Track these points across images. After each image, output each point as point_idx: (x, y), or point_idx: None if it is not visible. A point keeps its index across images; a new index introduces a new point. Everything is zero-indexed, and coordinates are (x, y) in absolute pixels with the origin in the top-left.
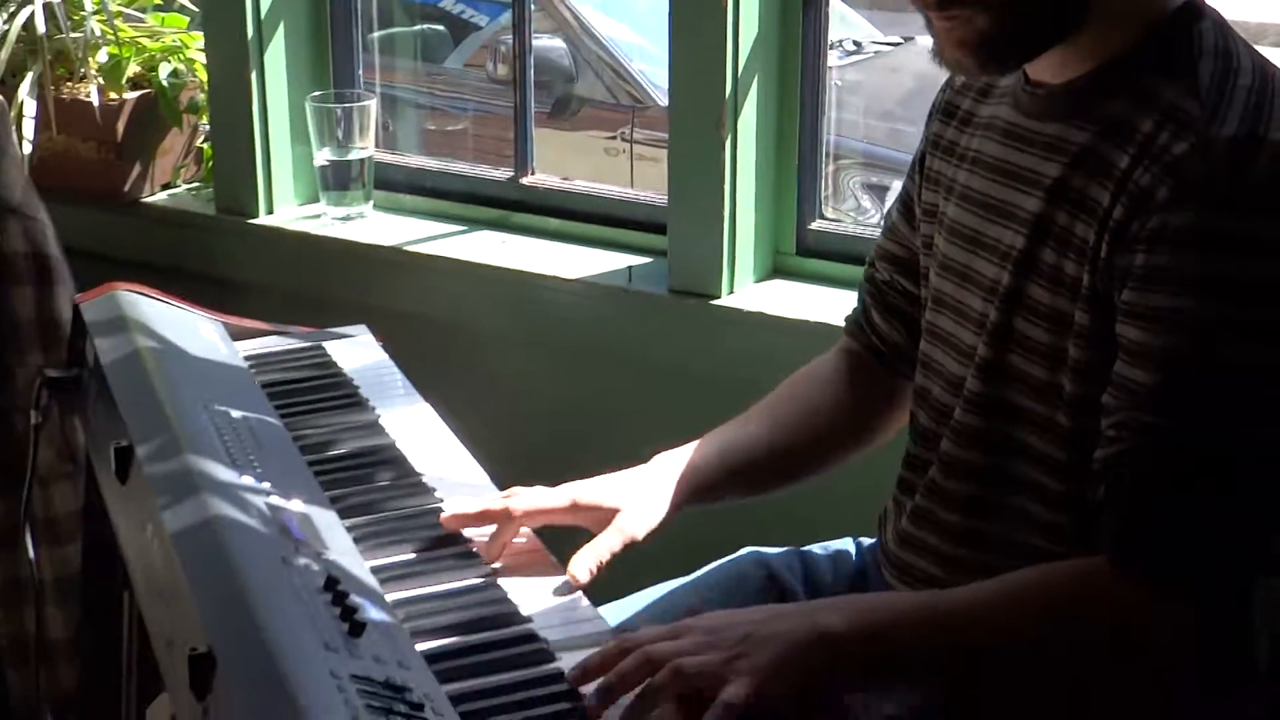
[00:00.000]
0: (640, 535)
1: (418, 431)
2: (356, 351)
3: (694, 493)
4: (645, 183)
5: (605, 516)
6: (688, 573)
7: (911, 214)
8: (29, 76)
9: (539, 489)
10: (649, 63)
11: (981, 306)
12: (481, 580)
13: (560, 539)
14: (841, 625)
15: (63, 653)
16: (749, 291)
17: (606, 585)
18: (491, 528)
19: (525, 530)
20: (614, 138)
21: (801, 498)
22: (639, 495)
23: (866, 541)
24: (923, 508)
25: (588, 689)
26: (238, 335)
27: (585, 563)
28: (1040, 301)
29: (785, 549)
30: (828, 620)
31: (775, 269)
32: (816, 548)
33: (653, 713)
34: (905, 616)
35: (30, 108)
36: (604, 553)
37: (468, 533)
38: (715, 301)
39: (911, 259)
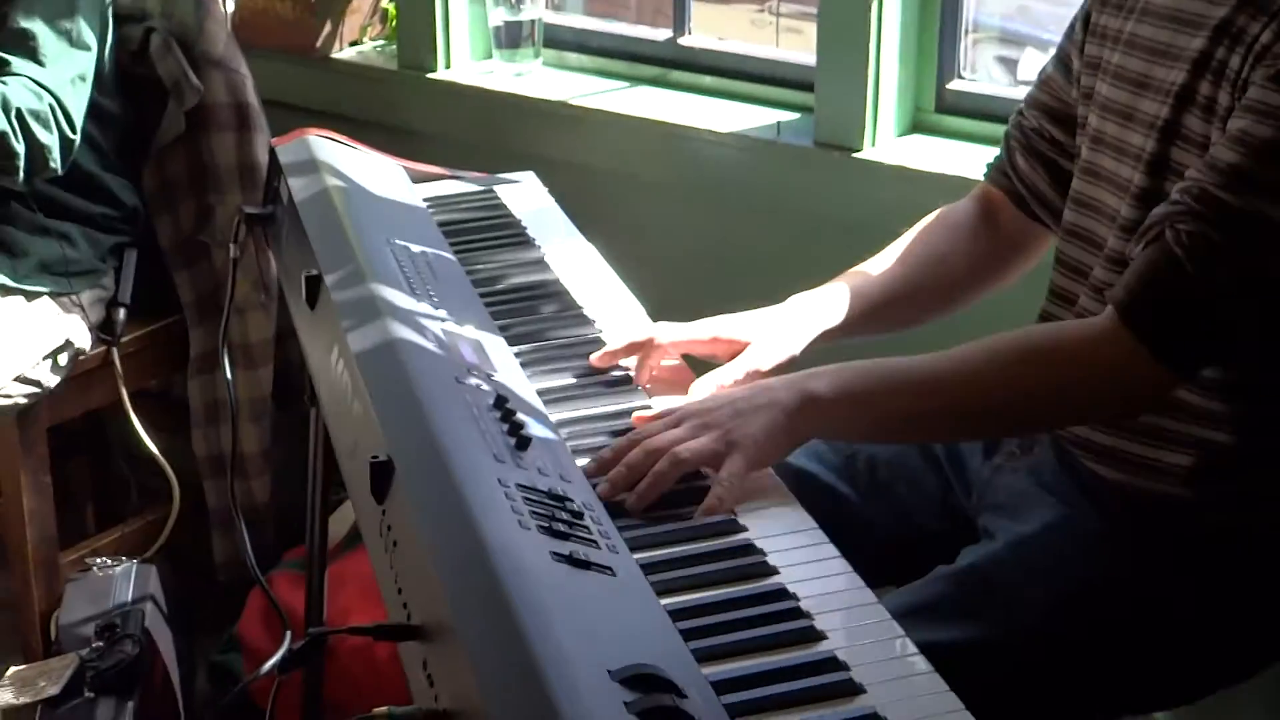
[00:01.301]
0: (766, 368)
1: (579, 268)
2: (524, 196)
3: (826, 330)
4: (789, 47)
5: (739, 349)
6: None
7: (1068, 68)
8: None
9: (683, 324)
10: None
11: (1141, 141)
12: (637, 405)
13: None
14: (827, 390)
15: (256, 466)
16: (890, 145)
17: None
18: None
19: (675, 357)
20: (761, 10)
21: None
22: (771, 332)
23: None
24: None
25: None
26: (417, 179)
27: (705, 387)
28: (1194, 131)
29: None
30: (813, 386)
31: (915, 125)
32: None
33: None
34: (893, 381)
35: None
36: (725, 380)
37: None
38: (858, 155)
39: (1062, 109)
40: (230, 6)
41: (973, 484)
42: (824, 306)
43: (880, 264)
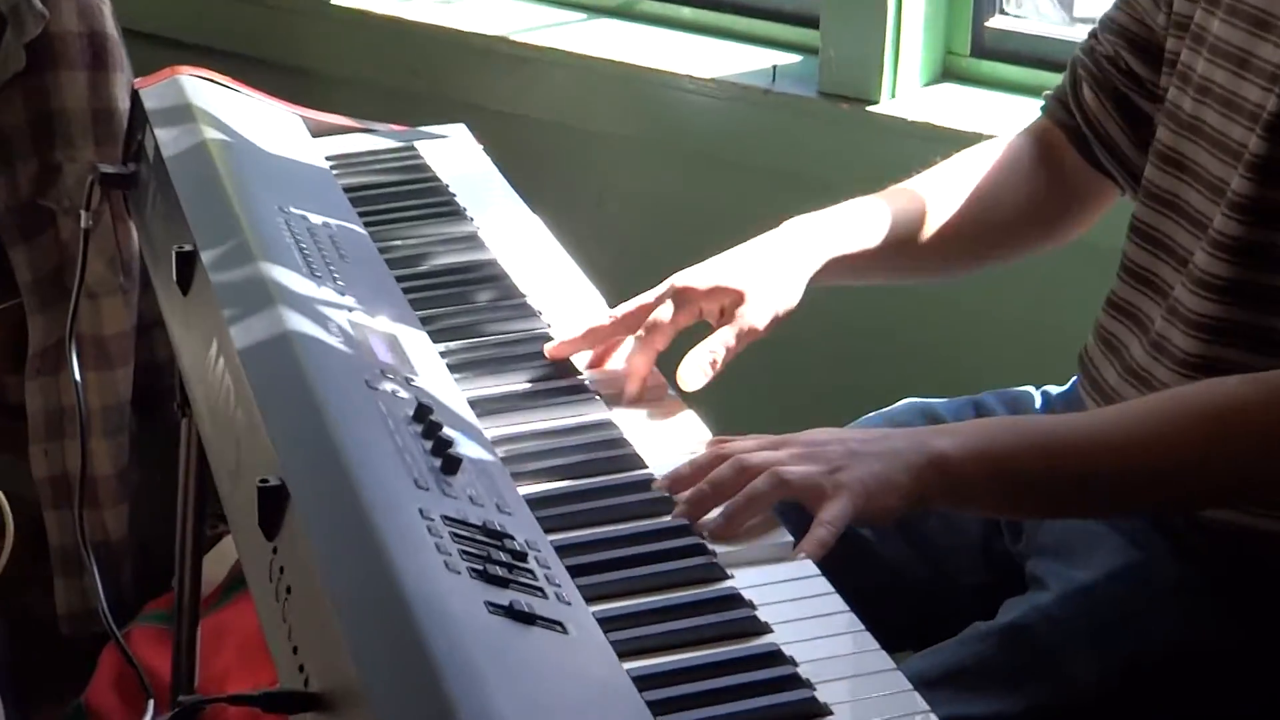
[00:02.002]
0: (763, 327)
1: (522, 246)
2: (453, 153)
3: (836, 266)
4: None
5: (724, 305)
6: (840, 424)
7: None
8: None
9: (644, 295)
10: None
11: (1260, 96)
12: (596, 419)
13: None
14: (955, 449)
15: (111, 491)
16: (914, 97)
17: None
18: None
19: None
20: None
21: (967, 342)
22: (766, 273)
23: (1055, 390)
24: (1156, 338)
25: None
26: (318, 131)
27: (697, 365)
28: None
29: (952, 399)
30: (940, 444)
31: (945, 71)
32: (990, 395)
33: (750, 522)
34: (1036, 442)
35: None
36: (719, 350)
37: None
38: (873, 108)
39: (1147, 36)
40: None
41: (1022, 523)
42: (836, 234)
43: (908, 191)
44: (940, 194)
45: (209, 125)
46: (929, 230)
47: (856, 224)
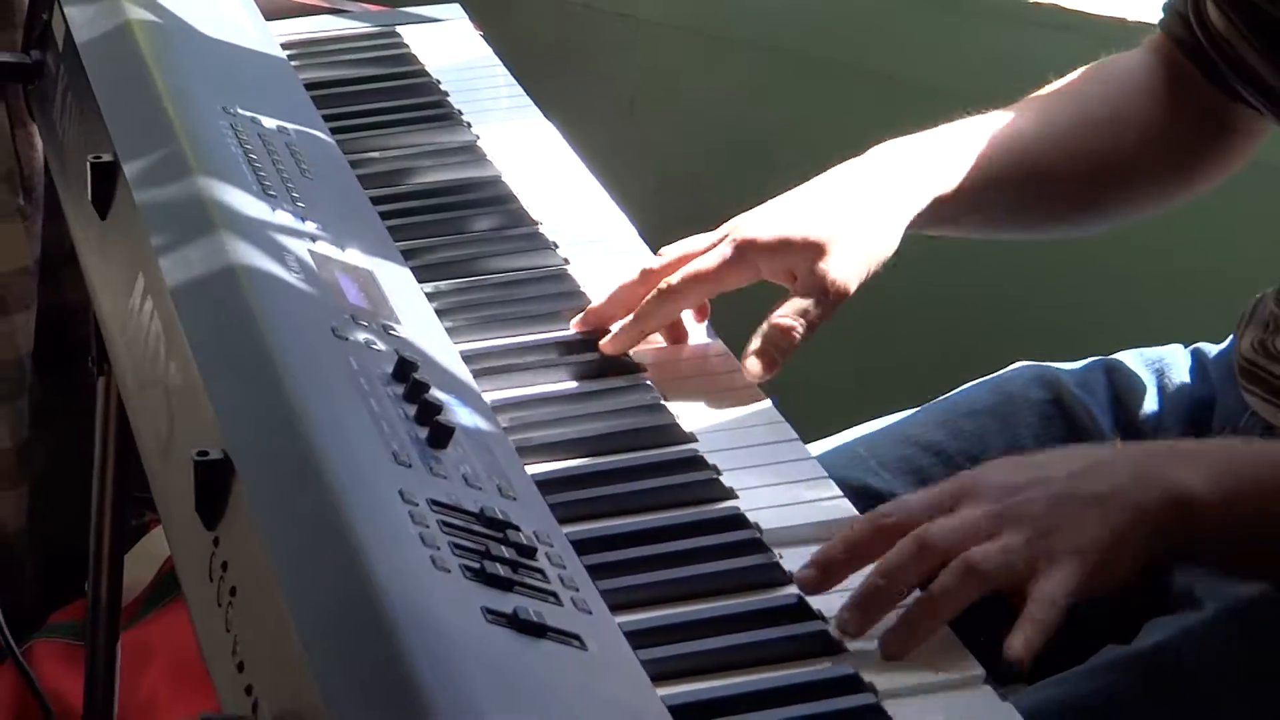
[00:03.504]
0: (853, 288)
1: (533, 159)
2: (446, 41)
3: (939, 208)
4: None
5: (801, 260)
6: (934, 396)
7: None
8: None
9: (695, 243)
10: None
11: None
12: (625, 381)
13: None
14: (1202, 484)
15: (8, 470)
16: None
17: (815, 407)
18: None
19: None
20: None
21: (1098, 294)
22: (852, 218)
23: (1211, 349)
24: None
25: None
26: (272, 11)
27: (773, 345)
28: None
29: (1081, 362)
30: (1184, 478)
31: None
32: (1130, 354)
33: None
34: None
35: None
36: (798, 323)
37: None
38: None
39: None
40: None
41: None
42: (933, 164)
43: (1022, 115)
44: (1047, 120)
45: (134, 2)
46: (1054, 167)
47: (963, 154)
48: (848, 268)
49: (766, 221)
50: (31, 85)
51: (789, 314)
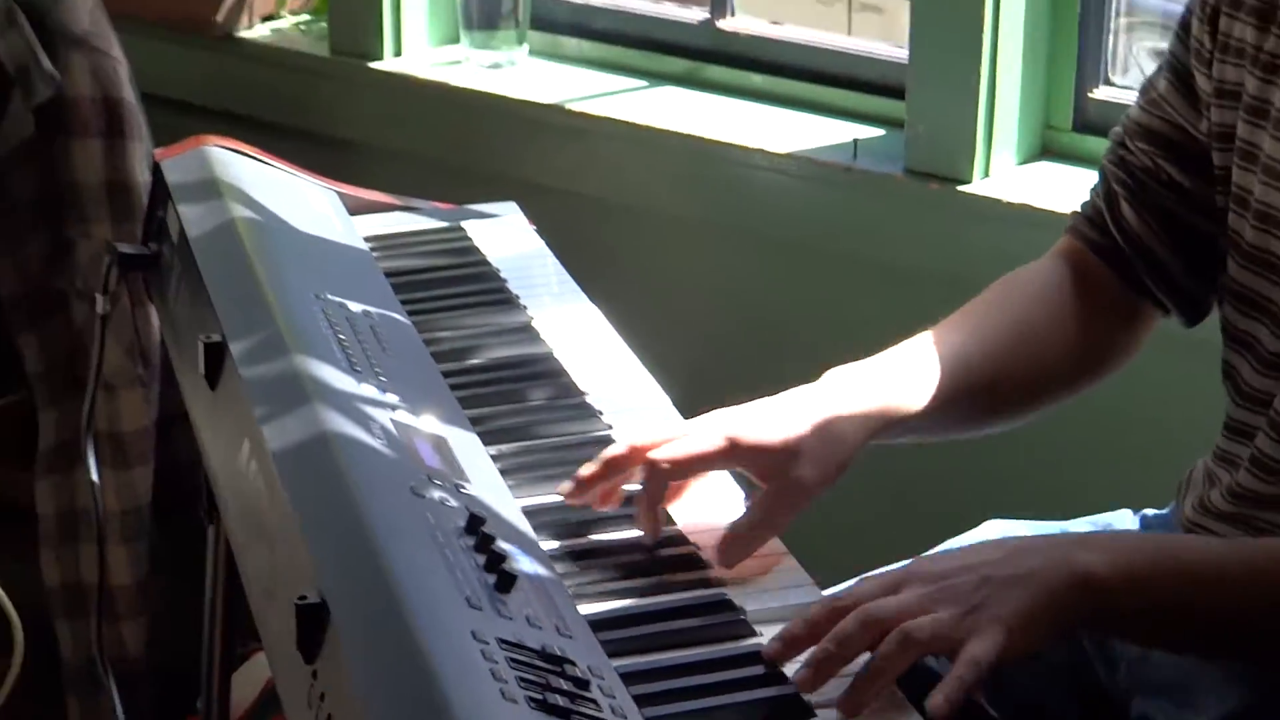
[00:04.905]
0: (819, 492)
1: (580, 338)
2: (504, 235)
3: (885, 425)
4: (865, 37)
5: (774, 463)
6: (915, 553)
7: (1189, 87)
8: None
9: (679, 426)
10: None
11: None
12: (665, 533)
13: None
14: (1104, 565)
15: (129, 603)
16: (1009, 175)
17: (813, 565)
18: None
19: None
20: None
21: (1058, 460)
22: (818, 430)
23: (1153, 512)
24: (1245, 484)
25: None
26: (356, 209)
27: (739, 542)
28: None
29: (1041, 523)
30: (1087, 559)
31: (1044, 148)
32: (1082, 522)
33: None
34: (1194, 564)
35: None
36: (781, 516)
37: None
38: (965, 187)
39: (1185, 142)
40: None
41: (1119, 653)
42: (883, 391)
43: (949, 334)
44: (983, 339)
45: (237, 201)
46: (980, 381)
47: (906, 380)
48: (813, 476)
49: (752, 423)
50: (150, 272)
51: (771, 516)
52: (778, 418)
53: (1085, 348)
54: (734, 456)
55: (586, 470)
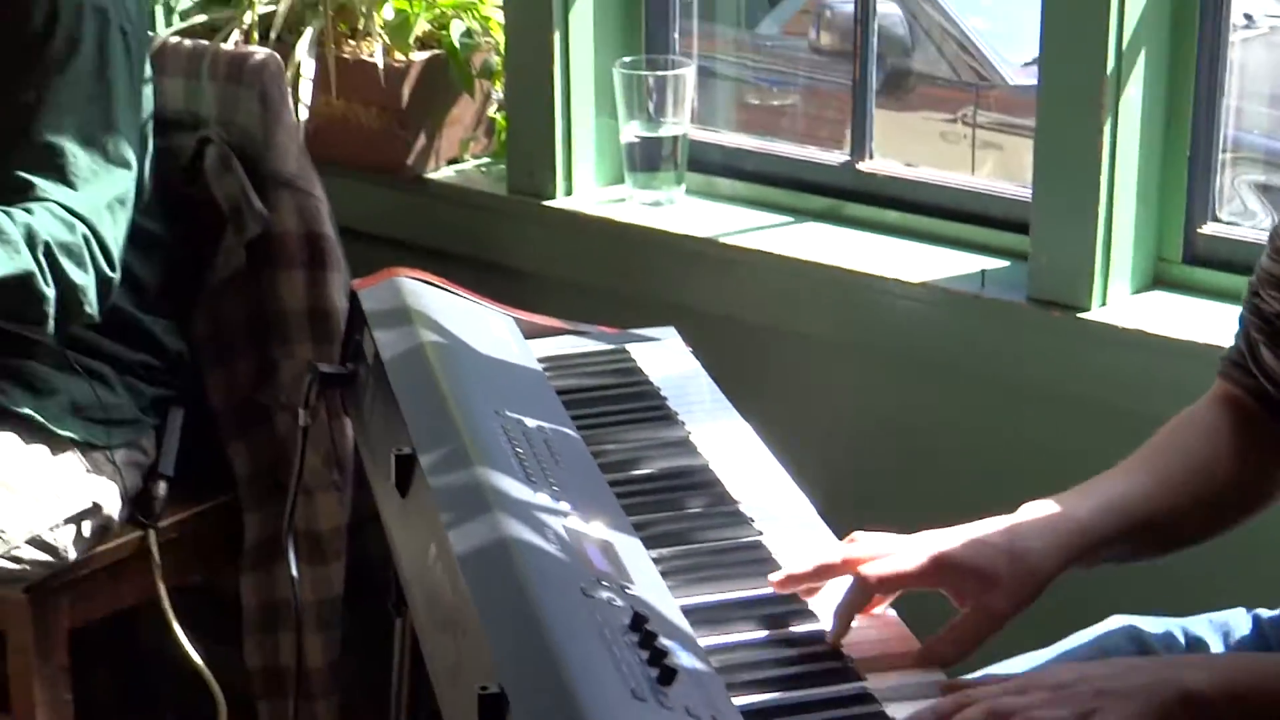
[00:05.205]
0: (1015, 614)
1: (733, 451)
2: (664, 357)
3: (1076, 557)
4: (987, 172)
5: (974, 586)
6: (1044, 644)
7: None
8: (307, 33)
9: (887, 543)
10: (993, 35)
11: None
12: (808, 629)
13: None
14: (1207, 684)
15: (323, 684)
16: (1124, 304)
17: None
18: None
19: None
20: (954, 120)
21: (1180, 557)
22: (1015, 560)
23: (1266, 614)
24: None
25: None
26: (531, 333)
27: (948, 649)
28: None
29: (1162, 619)
30: (1192, 677)
31: (1157, 279)
32: (1200, 619)
33: None
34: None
35: (308, 68)
36: (971, 644)
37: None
38: (1083, 314)
39: None
40: (303, 114)
41: None
42: (1075, 524)
43: (1129, 475)
44: (1162, 477)
45: (426, 327)
46: (1162, 515)
47: (1096, 515)
48: (1006, 605)
49: (956, 549)
50: (346, 389)
51: (966, 635)
52: (979, 546)
53: (1250, 481)
54: (936, 579)
55: (800, 569)
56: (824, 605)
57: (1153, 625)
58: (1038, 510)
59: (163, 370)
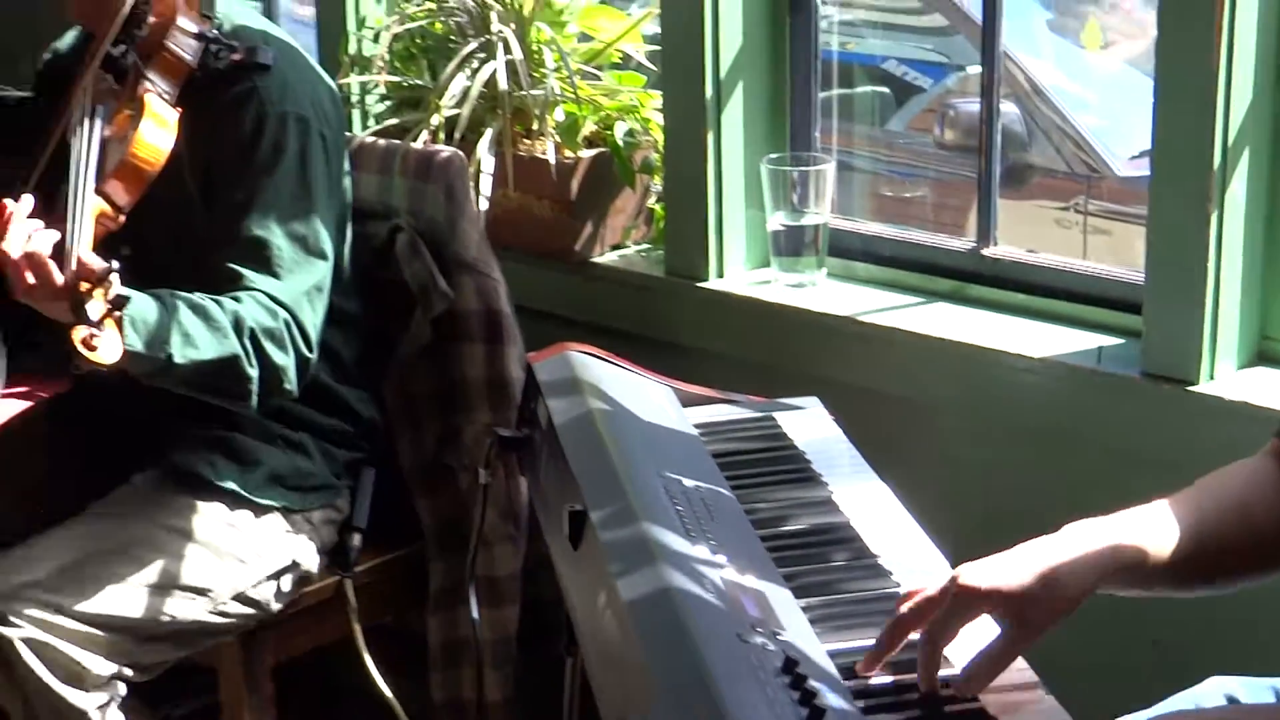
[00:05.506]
0: (1045, 630)
1: (871, 509)
2: (808, 423)
3: (1110, 574)
4: (1097, 256)
5: (1005, 607)
6: (1142, 705)
7: None
8: (488, 133)
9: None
10: (1102, 131)
11: None
12: (941, 674)
13: None
14: None
15: (499, 716)
16: (1231, 379)
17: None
18: None
19: None
20: (1066, 208)
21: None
22: (1042, 580)
23: None
24: None
25: None
26: (687, 401)
27: (983, 675)
28: None
29: (1259, 679)
30: None
31: (1261, 355)
32: None
33: None
34: None
35: (488, 164)
36: (1008, 658)
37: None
38: (1193, 388)
39: None
40: (484, 204)
41: None
42: (1113, 548)
43: (1173, 506)
44: (1205, 511)
45: (594, 396)
46: (1206, 546)
47: (1136, 537)
48: (1038, 618)
49: (984, 574)
50: (522, 452)
51: (998, 655)
52: (1009, 569)
53: None
54: (970, 608)
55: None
56: (956, 652)
57: (1249, 685)
58: (1075, 531)
59: (356, 435)
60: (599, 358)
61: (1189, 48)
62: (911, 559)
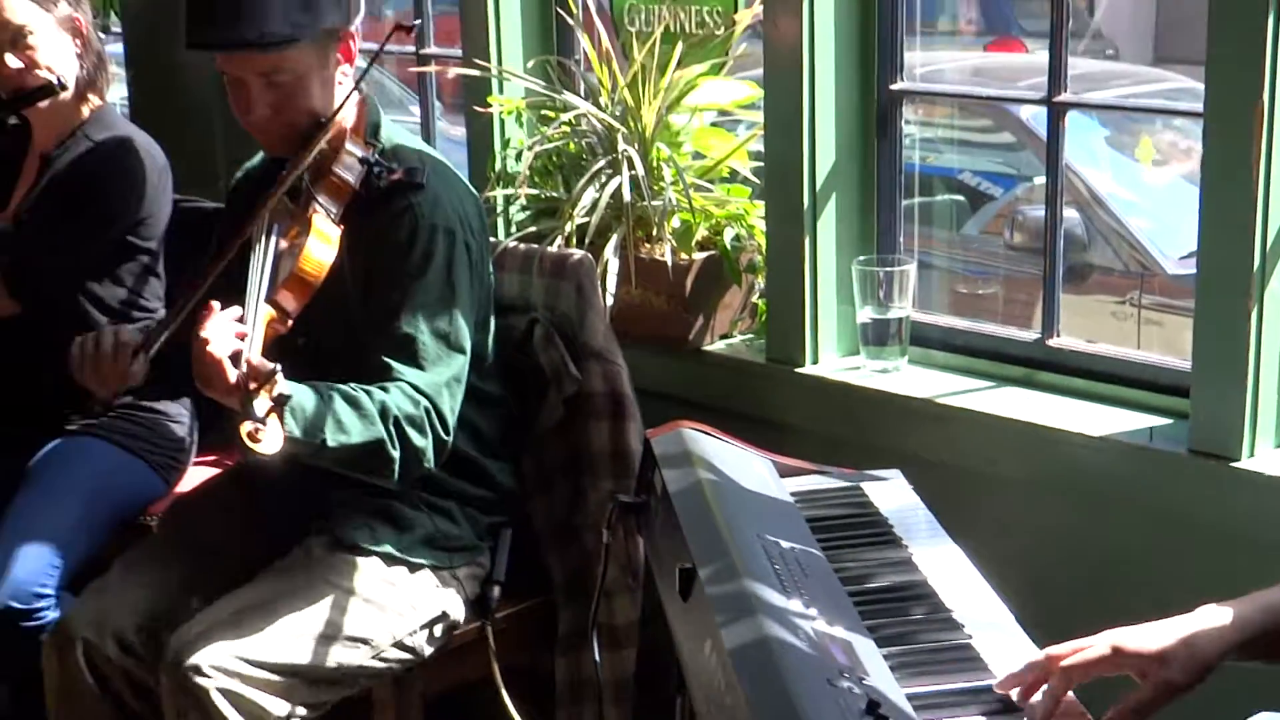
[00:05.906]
0: (1187, 688)
1: (946, 570)
2: (891, 493)
3: (1237, 645)
4: (1149, 345)
5: (1149, 667)
6: None
7: None
8: (614, 238)
9: (1079, 641)
10: (1153, 233)
11: None
12: (1012, 717)
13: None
14: None
15: None
16: (1270, 455)
17: None
18: None
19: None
20: (1122, 303)
21: None
22: (1186, 644)
23: None
24: None
25: None
26: (784, 473)
27: (1130, 717)
28: None
29: None
30: None
31: None
32: None
33: None
34: None
35: (613, 265)
36: (1150, 711)
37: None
38: (1235, 464)
39: None
40: (609, 300)
41: None
42: (1238, 621)
43: None
44: None
45: (703, 468)
46: None
47: (1259, 616)
48: (1179, 678)
49: (1136, 637)
50: (640, 515)
51: (1142, 706)
52: (1154, 633)
53: None
54: (1119, 662)
55: (1015, 670)
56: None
57: None
58: (1209, 608)
59: (496, 502)
60: (708, 434)
61: (1231, 164)
62: (981, 614)
